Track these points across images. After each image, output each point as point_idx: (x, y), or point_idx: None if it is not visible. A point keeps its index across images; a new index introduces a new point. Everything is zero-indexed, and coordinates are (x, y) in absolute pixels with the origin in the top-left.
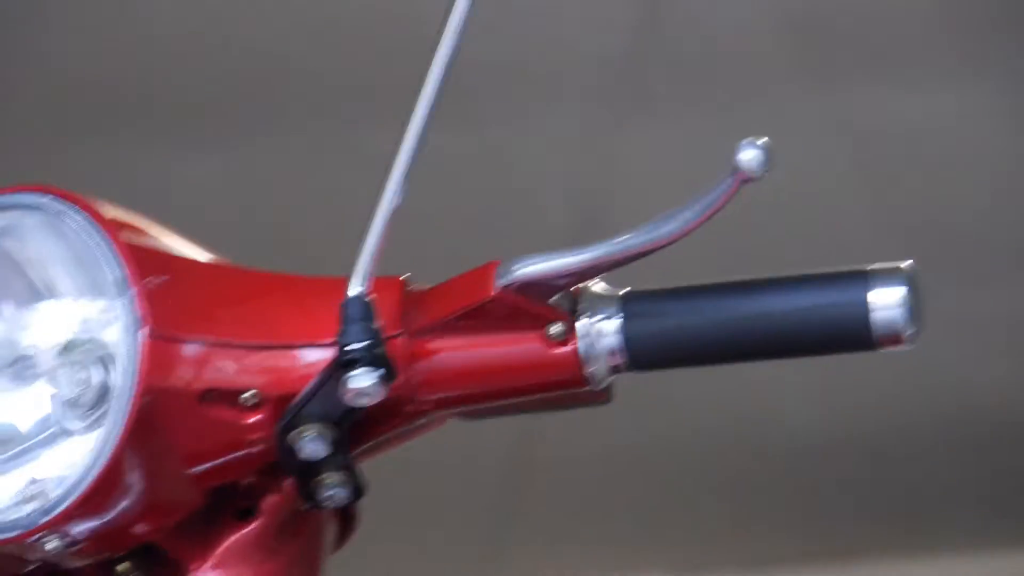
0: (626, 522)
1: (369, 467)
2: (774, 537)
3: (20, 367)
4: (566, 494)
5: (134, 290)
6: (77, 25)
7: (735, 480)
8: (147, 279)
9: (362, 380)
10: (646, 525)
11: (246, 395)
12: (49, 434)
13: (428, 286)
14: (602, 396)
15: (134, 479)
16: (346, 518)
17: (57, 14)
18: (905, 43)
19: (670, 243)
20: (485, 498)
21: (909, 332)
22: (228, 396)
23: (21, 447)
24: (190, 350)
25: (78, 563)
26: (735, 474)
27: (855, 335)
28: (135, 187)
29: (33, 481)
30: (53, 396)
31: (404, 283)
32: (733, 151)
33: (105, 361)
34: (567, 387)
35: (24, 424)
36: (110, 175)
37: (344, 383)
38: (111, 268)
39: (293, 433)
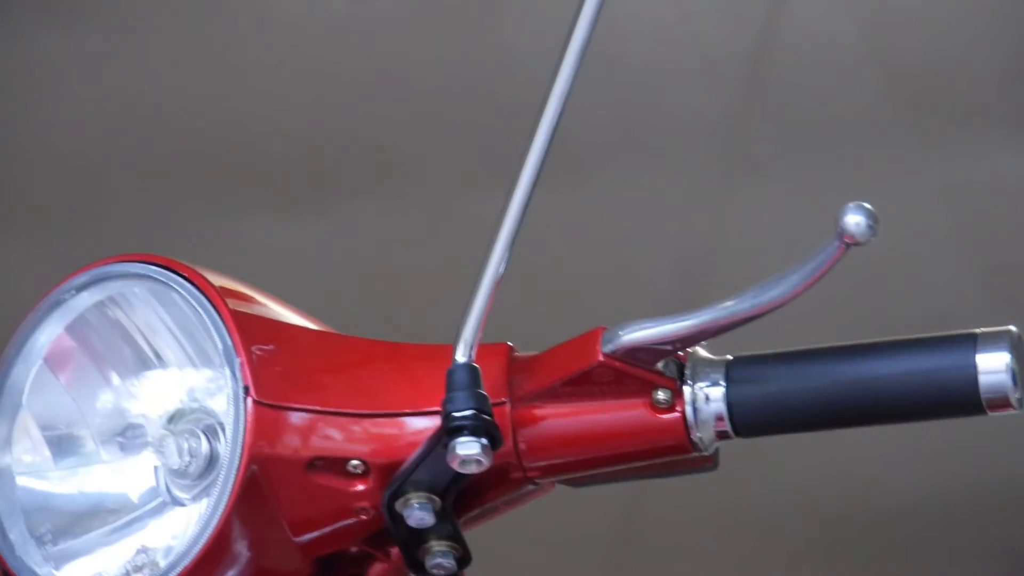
0: None
1: (473, 535)
2: None
3: (129, 436)
4: (674, 556)
5: (240, 359)
6: (179, 93)
7: (843, 542)
8: (253, 348)
9: (468, 447)
10: None
11: (353, 463)
12: (158, 503)
13: (534, 352)
14: (708, 462)
15: (241, 548)
16: None
17: (157, 81)
18: (1011, 102)
19: (776, 308)
20: (594, 559)
21: (1018, 395)
22: (335, 464)
23: (130, 516)
24: (296, 418)
25: None
26: (842, 536)
27: (963, 399)
28: (236, 255)
29: (142, 550)
30: (161, 466)
31: (510, 349)
32: (838, 215)
33: (212, 430)
34: (673, 453)
35: (133, 493)
36: (211, 243)
37: (451, 451)
38: (218, 337)
39: (400, 501)
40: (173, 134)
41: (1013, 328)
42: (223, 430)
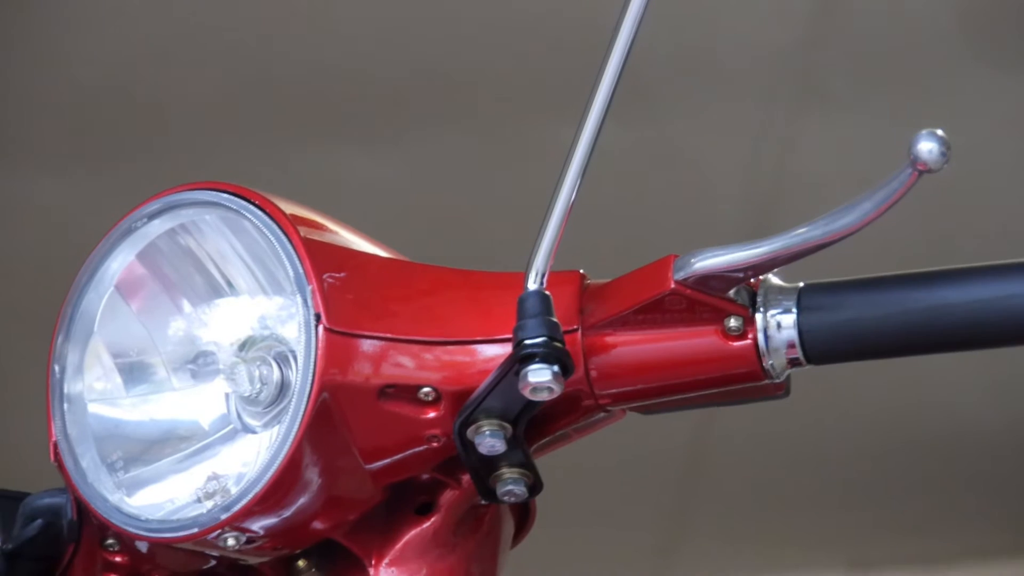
0: (800, 517)
1: (543, 462)
2: (950, 533)
3: (200, 364)
4: (740, 489)
5: (311, 286)
6: (246, 23)
7: (909, 474)
8: (325, 275)
9: (540, 375)
10: (821, 521)
11: (424, 390)
12: (229, 431)
13: (605, 280)
14: (780, 389)
15: (312, 475)
16: (524, 513)
17: (225, 10)
18: None
19: (848, 235)
20: (660, 493)
21: None
22: (406, 392)
23: (201, 443)
24: (368, 346)
25: (257, 559)
26: (909, 467)
27: None
28: (305, 186)
29: (213, 477)
30: (232, 393)
31: (582, 277)
32: (910, 142)
33: (284, 357)
34: (745, 381)
35: (204, 420)
36: (280, 175)
37: (522, 378)
38: (289, 264)
39: (471, 428)
40: (241, 65)
41: None
42: (294, 358)
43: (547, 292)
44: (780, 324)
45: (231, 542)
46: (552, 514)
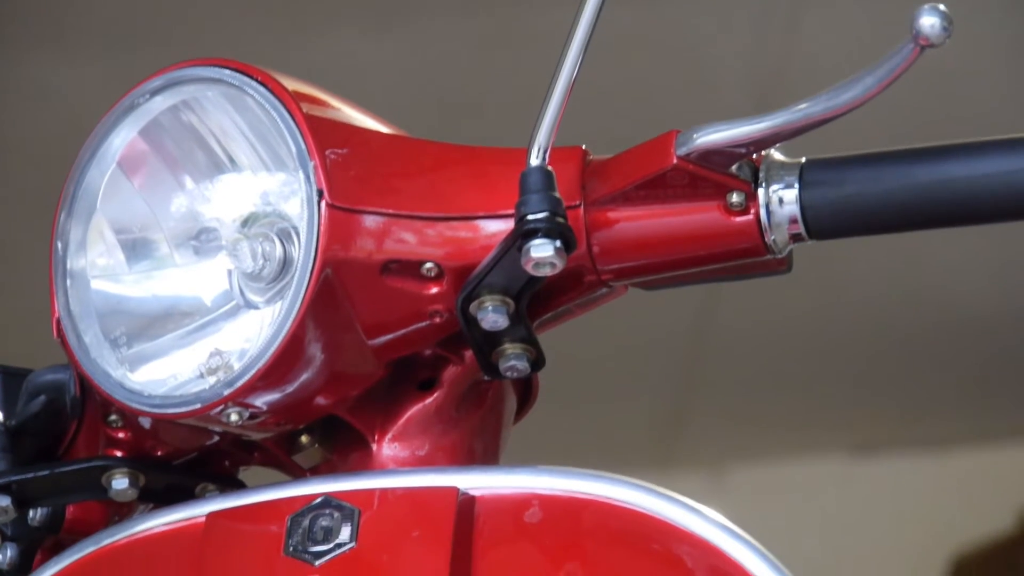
0: (803, 401)
1: (547, 342)
2: (952, 416)
3: (203, 240)
4: (743, 373)
5: (314, 162)
6: None
7: (911, 357)
8: (327, 151)
9: (542, 250)
10: (821, 404)
11: (427, 266)
12: (231, 307)
13: (608, 156)
14: (782, 264)
15: (315, 351)
16: (526, 389)
17: None
18: None
19: (850, 110)
20: (663, 375)
21: None
22: (409, 267)
23: (204, 319)
24: (370, 221)
25: (260, 435)
26: (911, 351)
27: None
28: (306, 68)
29: (216, 353)
30: (235, 269)
31: (584, 153)
32: (911, 17)
33: (286, 234)
34: (747, 256)
35: (207, 297)
36: (284, 57)
37: (524, 253)
38: (291, 140)
39: (474, 304)
40: None
41: None
42: (297, 234)
43: (549, 168)
44: (782, 199)
45: (234, 418)
46: (556, 393)
